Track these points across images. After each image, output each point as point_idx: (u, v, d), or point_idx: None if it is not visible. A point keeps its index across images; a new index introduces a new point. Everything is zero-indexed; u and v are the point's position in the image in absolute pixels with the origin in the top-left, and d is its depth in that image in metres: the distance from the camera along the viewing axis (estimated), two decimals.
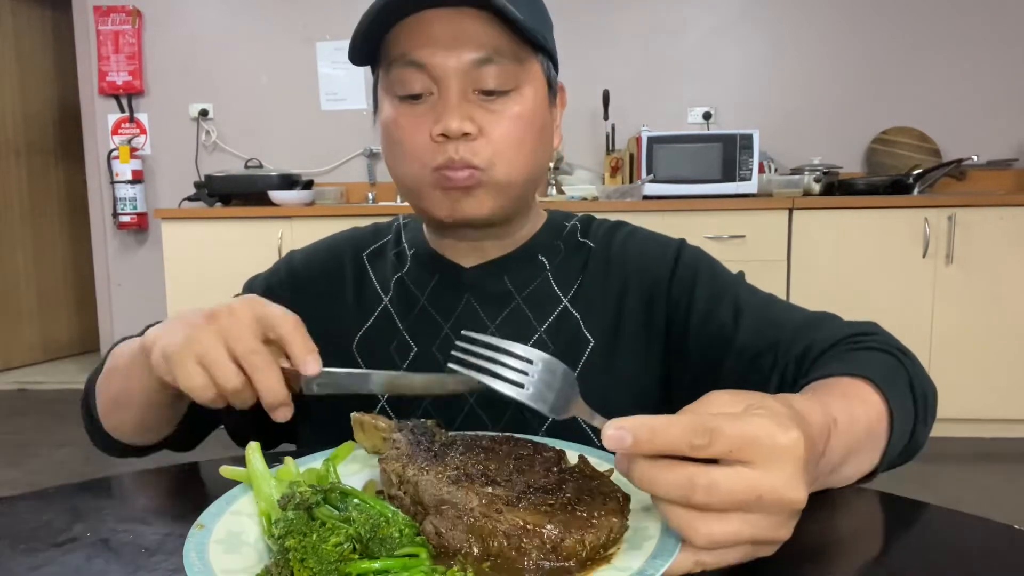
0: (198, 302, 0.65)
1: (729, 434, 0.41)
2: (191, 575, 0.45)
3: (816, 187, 3.23)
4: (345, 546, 0.45)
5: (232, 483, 0.57)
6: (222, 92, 3.92)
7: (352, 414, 0.65)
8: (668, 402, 0.82)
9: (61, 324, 4.74)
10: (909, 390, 0.64)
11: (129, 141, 3.95)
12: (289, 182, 3.55)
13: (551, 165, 3.37)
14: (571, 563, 0.47)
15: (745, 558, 0.44)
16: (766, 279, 2.65)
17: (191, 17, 3.90)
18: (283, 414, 0.61)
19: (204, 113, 3.92)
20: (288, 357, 0.61)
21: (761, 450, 0.41)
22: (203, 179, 3.70)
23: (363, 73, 3.77)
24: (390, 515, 0.49)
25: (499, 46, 0.72)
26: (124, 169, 3.85)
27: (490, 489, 0.51)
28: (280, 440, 0.88)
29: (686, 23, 3.67)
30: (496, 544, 0.48)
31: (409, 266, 0.86)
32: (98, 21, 3.92)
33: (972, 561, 0.53)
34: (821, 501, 0.67)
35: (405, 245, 0.88)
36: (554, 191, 3.42)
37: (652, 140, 3.21)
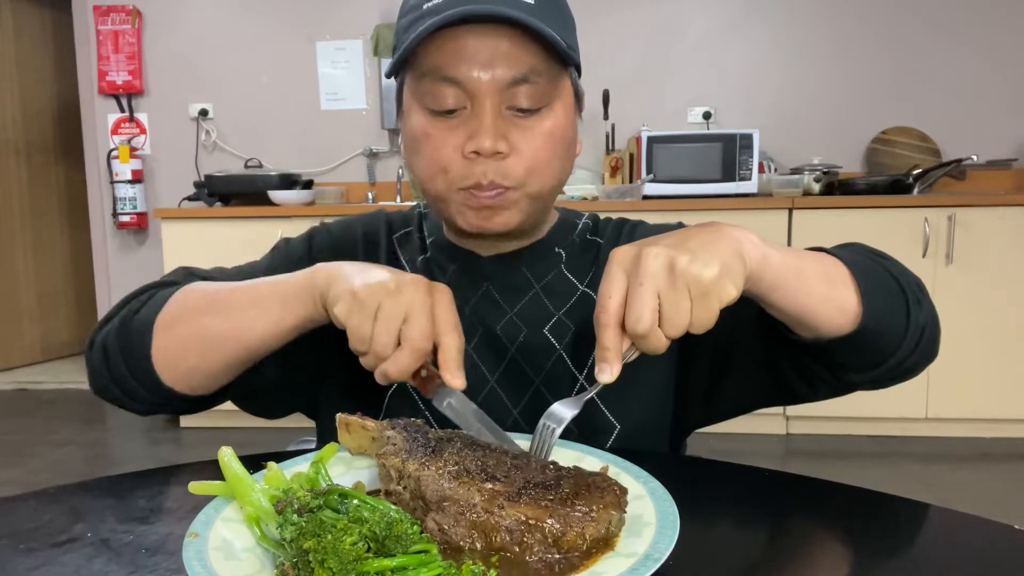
0: None
1: (609, 302, 0.59)
2: None
3: (816, 187, 3.23)
4: (360, 545, 0.45)
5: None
6: (222, 92, 3.91)
7: (338, 415, 0.66)
8: (686, 369, 0.84)
9: (61, 324, 4.73)
10: (878, 264, 0.72)
11: (129, 141, 3.94)
12: (289, 182, 3.54)
13: None
14: (575, 554, 0.48)
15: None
16: None
17: (191, 17, 3.90)
18: (385, 381, 0.64)
19: (204, 113, 3.92)
20: (437, 361, 0.64)
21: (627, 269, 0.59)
22: (203, 179, 3.70)
23: (363, 73, 3.77)
24: (395, 514, 0.49)
25: (535, 65, 0.73)
26: (124, 169, 3.85)
27: (490, 485, 0.52)
28: (288, 412, 0.89)
29: (686, 23, 3.67)
30: (499, 539, 0.49)
31: (430, 253, 0.89)
32: (98, 21, 3.92)
33: (972, 561, 0.53)
34: (821, 501, 0.67)
35: (425, 232, 0.91)
36: None
37: (652, 140, 3.21)
